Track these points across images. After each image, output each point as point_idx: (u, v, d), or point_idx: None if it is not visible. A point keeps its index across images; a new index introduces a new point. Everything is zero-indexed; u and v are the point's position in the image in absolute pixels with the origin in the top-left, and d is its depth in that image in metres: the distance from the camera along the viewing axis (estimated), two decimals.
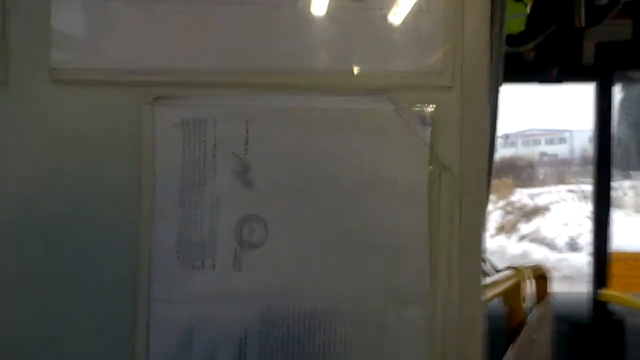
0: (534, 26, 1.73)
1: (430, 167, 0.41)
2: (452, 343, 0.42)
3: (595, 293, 1.83)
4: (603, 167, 1.79)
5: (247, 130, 0.41)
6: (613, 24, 1.72)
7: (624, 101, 2.06)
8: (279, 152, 0.41)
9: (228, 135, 0.41)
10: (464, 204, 0.42)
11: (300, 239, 0.41)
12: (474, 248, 0.42)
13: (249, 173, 0.41)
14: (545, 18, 1.71)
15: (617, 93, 2.07)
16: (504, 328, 0.96)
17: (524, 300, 0.95)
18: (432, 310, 0.42)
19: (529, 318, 0.94)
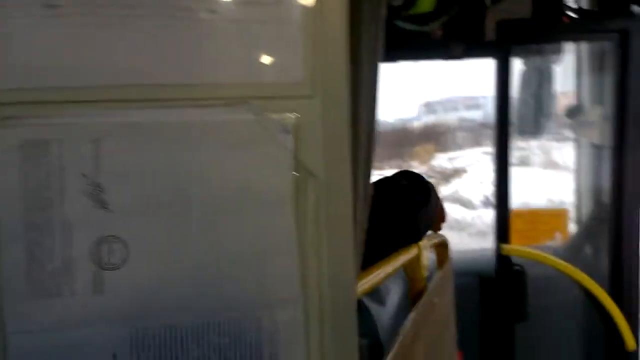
0: (441, 5, 1.79)
1: (295, 173, 0.42)
2: (329, 338, 0.44)
3: (498, 248, 2.00)
4: (502, 132, 1.92)
5: (97, 149, 0.39)
6: (514, 2, 1.83)
7: (525, 73, 2.21)
8: (134, 170, 0.39)
9: (76, 155, 0.38)
10: (331, 207, 0.43)
11: (164, 256, 0.40)
12: (343, 247, 0.44)
13: (103, 193, 0.39)
14: None
15: (519, 65, 2.22)
16: (408, 298, 1.02)
17: (424, 269, 1.02)
18: (306, 311, 0.43)
19: (429, 284, 1.01)
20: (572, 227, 2.43)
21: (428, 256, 1.04)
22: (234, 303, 0.42)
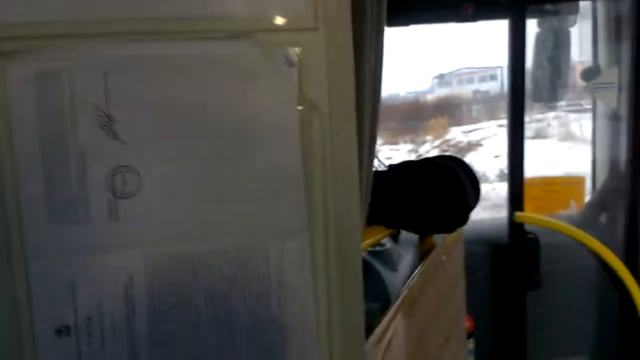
0: None
1: (300, 107, 0.43)
2: (334, 271, 0.46)
3: (511, 216, 1.99)
4: (516, 98, 1.89)
5: (107, 81, 0.40)
6: None
7: (540, 35, 2.14)
8: (144, 102, 0.41)
9: (86, 87, 0.40)
10: (335, 141, 0.44)
11: (177, 185, 0.42)
12: (348, 182, 0.45)
13: (115, 124, 0.40)
14: None
15: (534, 28, 2.16)
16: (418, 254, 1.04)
17: None
18: (312, 241, 0.45)
19: (438, 242, 1.02)
20: (588, 197, 2.40)
21: None
22: (243, 232, 0.44)
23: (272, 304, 0.44)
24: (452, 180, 0.80)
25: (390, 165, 0.85)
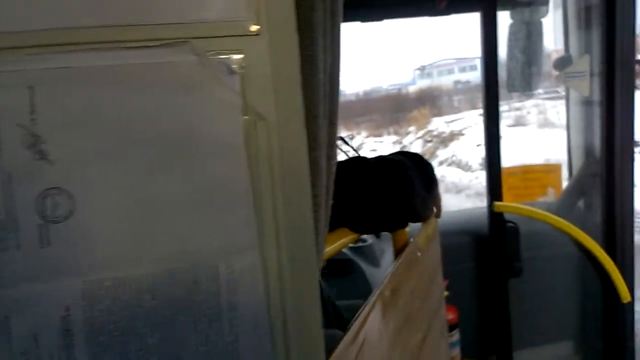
0: None
1: (245, 116, 0.41)
2: (289, 288, 0.44)
3: (490, 206, 2.00)
4: (490, 89, 1.89)
5: (32, 97, 0.37)
6: None
7: (513, 27, 2.15)
8: (73, 118, 0.38)
9: (10, 104, 0.37)
10: (284, 150, 0.42)
11: (113, 206, 0.39)
12: (299, 191, 0.43)
13: (41, 144, 0.37)
14: None
15: (507, 19, 2.16)
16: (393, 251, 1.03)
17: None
18: (264, 257, 0.43)
19: (413, 239, 1.01)
20: (566, 184, 2.43)
21: None
22: (188, 251, 0.41)
23: (224, 326, 0.41)
24: (389, 177, 0.78)
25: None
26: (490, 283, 2.10)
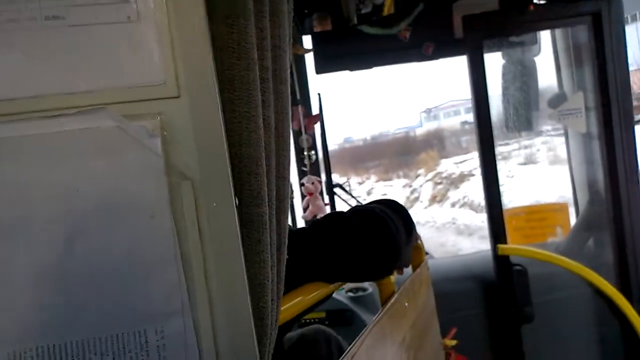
0: (404, 7, 1.79)
1: (168, 178, 0.40)
2: (224, 347, 0.42)
3: (495, 249, 1.94)
4: (483, 129, 1.89)
5: None
6: None
7: (506, 67, 2.17)
8: None
9: None
10: (211, 210, 0.41)
11: (36, 275, 0.38)
12: (231, 251, 0.42)
13: None
14: None
15: (500, 59, 2.19)
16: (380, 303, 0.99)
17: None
18: (196, 322, 0.41)
19: (400, 287, 0.97)
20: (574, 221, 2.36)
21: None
22: (115, 318, 0.40)
23: None
24: (360, 226, 0.76)
25: (314, 220, 0.81)
26: (501, 330, 2.00)
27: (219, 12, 0.44)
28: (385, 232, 0.76)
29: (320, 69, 1.93)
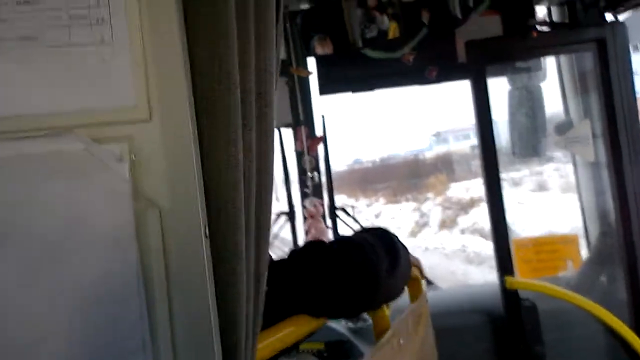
0: (408, 30, 1.79)
1: (136, 204, 0.38)
2: None
3: (502, 282, 1.87)
4: (487, 156, 1.85)
5: None
6: (484, 22, 1.81)
7: (512, 92, 2.16)
8: None
9: None
10: (180, 240, 0.39)
11: None
12: (197, 284, 0.40)
13: None
14: (417, 21, 1.78)
15: (506, 85, 2.18)
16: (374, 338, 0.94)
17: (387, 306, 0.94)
18: (159, 354, 0.38)
19: (395, 323, 0.92)
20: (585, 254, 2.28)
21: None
22: (72, 355, 0.37)
23: None
24: (344, 258, 0.73)
25: (292, 251, 0.78)
26: None
27: (200, 35, 0.43)
28: (361, 259, 0.73)
29: (323, 91, 1.93)
